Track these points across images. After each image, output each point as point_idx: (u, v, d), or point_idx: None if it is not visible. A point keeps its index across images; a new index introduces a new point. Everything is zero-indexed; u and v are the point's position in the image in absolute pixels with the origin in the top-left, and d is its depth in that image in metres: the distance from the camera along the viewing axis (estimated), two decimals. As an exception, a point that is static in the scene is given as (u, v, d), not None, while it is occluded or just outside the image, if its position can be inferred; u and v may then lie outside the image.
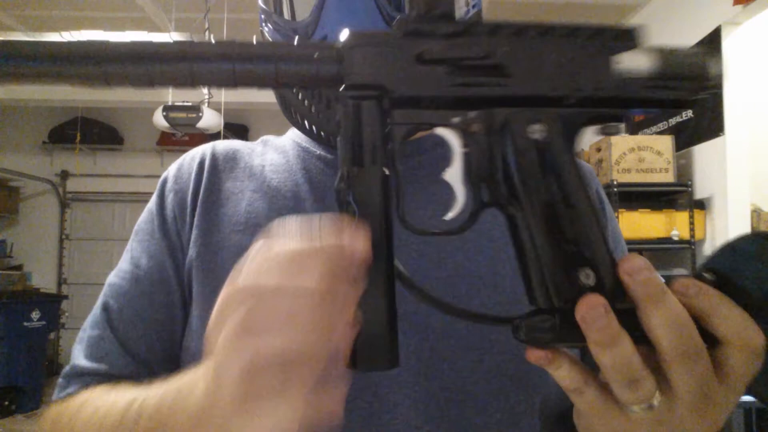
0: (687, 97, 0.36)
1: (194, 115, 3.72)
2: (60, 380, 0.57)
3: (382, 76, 0.34)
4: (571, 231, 0.34)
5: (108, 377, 0.54)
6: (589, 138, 3.47)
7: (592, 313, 0.31)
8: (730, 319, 0.32)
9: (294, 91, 0.54)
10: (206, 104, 3.87)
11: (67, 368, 0.57)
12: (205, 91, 3.91)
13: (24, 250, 5.86)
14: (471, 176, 0.35)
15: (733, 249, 0.36)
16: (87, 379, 0.55)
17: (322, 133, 0.55)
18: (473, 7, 0.57)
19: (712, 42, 3.01)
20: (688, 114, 3.24)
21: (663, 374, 0.32)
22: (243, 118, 5.82)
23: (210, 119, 3.79)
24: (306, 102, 0.53)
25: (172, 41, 0.34)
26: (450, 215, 0.34)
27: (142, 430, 0.40)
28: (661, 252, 3.39)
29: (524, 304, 0.35)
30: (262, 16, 0.59)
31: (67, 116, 5.69)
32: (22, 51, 0.32)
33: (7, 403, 4.25)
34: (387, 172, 0.33)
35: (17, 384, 4.30)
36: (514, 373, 0.50)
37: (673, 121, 3.38)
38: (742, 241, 0.36)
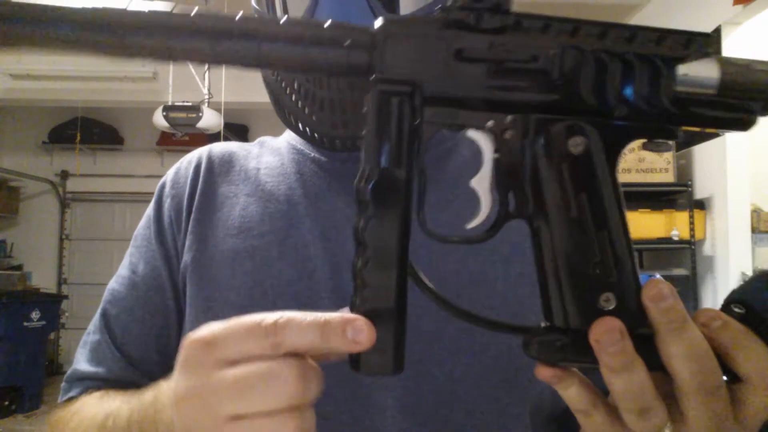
0: (753, 119, 0.32)
1: (194, 115, 3.72)
2: (63, 384, 0.59)
3: (416, 71, 0.31)
4: (598, 254, 0.31)
5: (106, 381, 0.56)
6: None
7: (607, 337, 0.30)
8: (755, 358, 0.31)
9: (288, 91, 0.54)
10: (206, 104, 3.87)
11: (69, 372, 0.59)
12: (205, 91, 3.91)
13: (24, 250, 5.86)
14: (500, 184, 0.32)
15: (767, 282, 0.34)
16: (87, 383, 0.57)
17: (316, 135, 0.55)
18: None
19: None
20: (688, 114, 3.24)
21: (677, 405, 0.31)
22: (243, 118, 5.81)
23: (210, 119, 3.79)
24: (300, 103, 0.53)
25: (192, 14, 0.31)
26: (473, 223, 0.33)
27: None
28: (661, 252, 3.39)
29: (519, 304, 0.34)
30: (255, 16, 0.59)
31: (67, 116, 5.69)
32: (41, 15, 0.30)
33: (7, 403, 4.25)
34: (410, 174, 0.31)
35: (17, 384, 4.30)
36: (505, 377, 0.50)
37: (673, 121, 3.38)
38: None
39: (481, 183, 0.32)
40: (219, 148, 0.65)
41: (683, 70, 0.32)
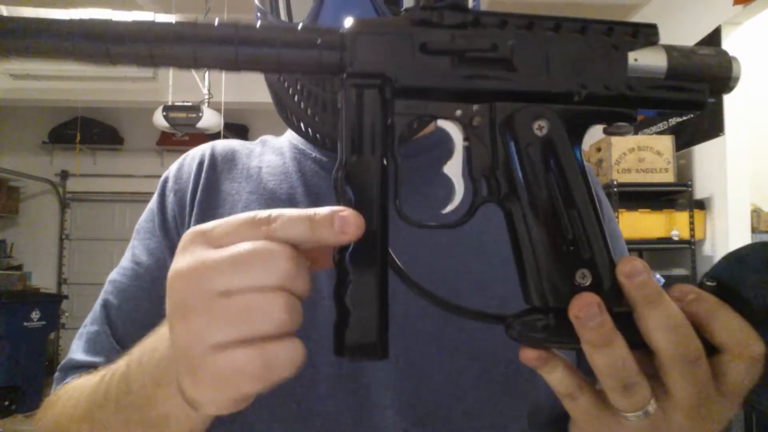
0: (702, 99, 0.35)
1: (194, 115, 3.72)
2: (57, 374, 0.58)
3: (385, 65, 0.33)
4: (570, 230, 0.33)
5: None
6: (588, 138, 3.47)
7: (586, 311, 0.30)
8: (730, 327, 0.32)
9: (290, 92, 0.54)
10: (206, 104, 3.87)
11: (63, 361, 0.58)
12: (205, 90, 3.91)
13: (24, 250, 5.86)
14: (471, 170, 0.34)
15: (736, 258, 0.36)
16: (83, 371, 0.54)
17: (318, 136, 0.55)
18: (473, 1, 0.57)
19: (712, 42, 3.01)
20: (689, 114, 3.24)
21: (660, 380, 0.32)
22: (243, 118, 5.81)
23: (210, 119, 3.79)
24: (302, 104, 0.53)
25: (174, 22, 0.33)
26: (448, 208, 0.34)
27: (113, 397, 0.41)
28: (661, 252, 3.39)
29: (518, 305, 0.35)
30: (258, 14, 0.59)
31: (67, 116, 5.69)
32: (27, 27, 0.31)
33: (7, 403, 4.25)
34: (385, 163, 0.32)
35: (17, 384, 4.29)
36: (503, 379, 0.50)
37: (673, 121, 3.38)
38: (746, 250, 0.36)
39: (454, 170, 0.34)
40: (222, 145, 0.65)
41: (633, 56, 0.34)
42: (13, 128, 5.85)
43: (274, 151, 0.64)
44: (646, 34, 0.35)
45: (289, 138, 0.65)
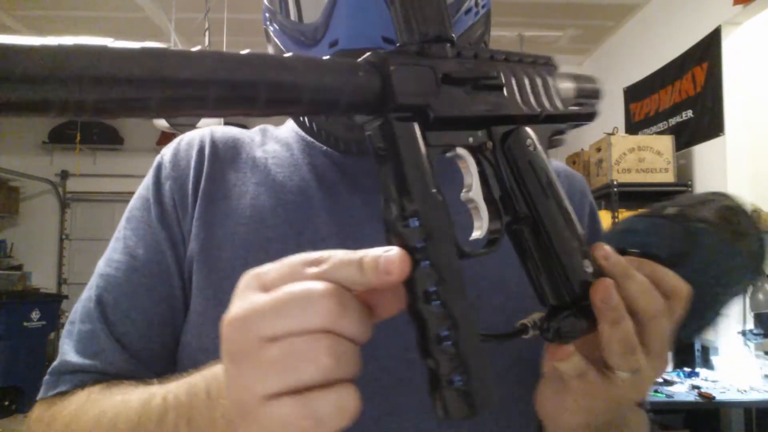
0: (595, 110, 0.45)
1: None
2: (47, 377, 0.53)
3: (424, 97, 0.32)
4: (571, 228, 0.37)
5: (102, 375, 0.51)
6: (588, 138, 3.47)
7: (608, 295, 0.35)
8: (672, 277, 0.39)
9: None
10: (206, 104, 3.87)
11: (55, 364, 0.54)
12: (205, 91, 3.91)
13: (24, 250, 5.86)
14: (491, 193, 0.37)
15: (629, 231, 0.45)
16: (80, 376, 0.51)
17: (331, 138, 0.54)
18: (483, 7, 0.56)
19: (712, 42, 3.01)
20: (689, 114, 3.24)
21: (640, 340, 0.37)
22: (243, 118, 5.81)
23: (210, 119, 3.79)
24: None
25: (168, 50, 0.26)
26: (476, 234, 0.35)
27: (170, 426, 0.38)
28: (661, 252, 3.38)
29: (534, 302, 0.38)
30: (267, 15, 0.58)
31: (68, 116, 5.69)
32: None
33: (7, 403, 4.25)
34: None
35: (17, 384, 4.30)
36: (521, 379, 0.50)
37: (673, 121, 3.38)
38: (633, 223, 0.45)
39: (475, 196, 0.35)
40: (221, 131, 0.62)
41: (558, 82, 0.42)
42: (13, 128, 5.85)
43: (278, 141, 0.62)
44: (551, 65, 0.42)
45: (294, 128, 0.63)
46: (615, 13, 3.86)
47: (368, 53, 0.32)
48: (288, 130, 0.64)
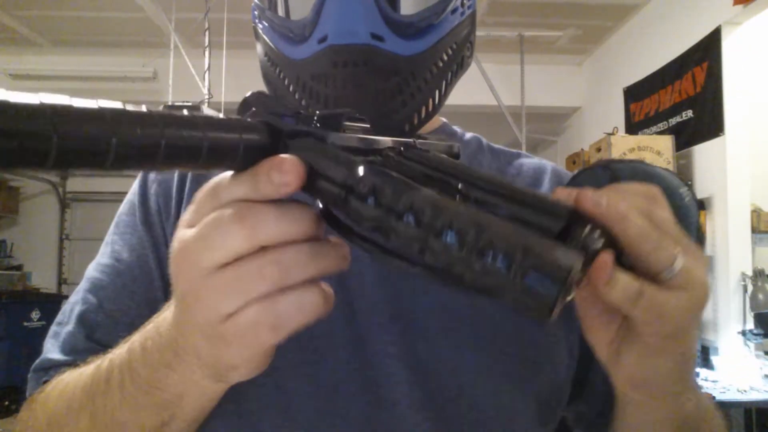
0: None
1: (194, 115, 3.72)
2: (31, 375, 0.55)
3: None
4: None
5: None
6: (589, 138, 3.47)
7: (592, 197, 0.33)
8: (631, 186, 0.38)
9: (291, 89, 0.54)
10: (206, 104, 3.87)
11: (37, 362, 0.55)
12: (205, 91, 3.91)
13: (24, 250, 5.86)
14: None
15: (574, 183, 0.44)
16: (62, 369, 0.52)
17: None
18: (468, 8, 0.57)
19: (712, 42, 3.01)
20: (689, 114, 3.24)
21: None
22: (243, 118, 5.81)
23: (210, 119, 3.79)
24: (303, 101, 0.53)
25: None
26: None
27: (116, 383, 0.40)
28: (661, 252, 3.38)
29: None
30: (256, 12, 0.58)
31: (67, 116, 5.69)
32: None
33: (7, 403, 4.25)
34: None
35: (17, 384, 4.30)
36: (507, 372, 0.51)
37: (673, 121, 3.38)
38: (581, 179, 0.44)
39: None
40: None
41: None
42: (13, 128, 5.85)
43: None
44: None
45: None
46: (615, 13, 3.86)
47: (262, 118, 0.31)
48: None
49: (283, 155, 0.29)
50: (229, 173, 0.31)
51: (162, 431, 0.40)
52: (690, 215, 0.42)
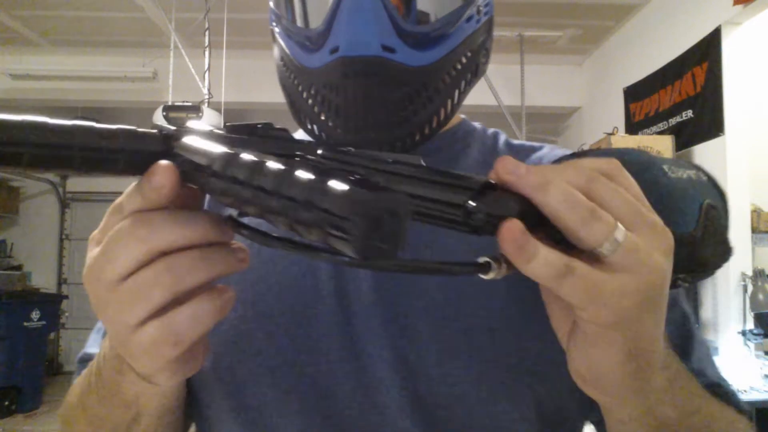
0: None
1: (194, 115, 3.72)
2: (76, 366, 0.60)
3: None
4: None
5: None
6: (589, 138, 3.47)
7: (509, 162, 0.30)
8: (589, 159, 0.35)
9: (304, 96, 0.54)
10: (206, 104, 3.87)
11: (79, 355, 0.60)
12: (205, 91, 3.91)
13: (24, 250, 5.87)
14: None
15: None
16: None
17: (331, 141, 0.54)
18: (485, 14, 0.56)
19: (712, 42, 3.01)
20: (689, 114, 3.24)
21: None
22: (243, 118, 5.80)
23: (210, 119, 3.79)
24: (315, 108, 0.53)
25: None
26: None
27: (93, 386, 0.45)
28: (661, 252, 3.38)
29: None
30: (273, 17, 0.58)
31: (67, 116, 5.65)
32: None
33: (7, 403, 4.25)
34: None
35: (17, 384, 4.30)
36: (503, 381, 0.50)
37: (673, 121, 3.38)
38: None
39: None
40: None
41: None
42: (13, 128, 5.85)
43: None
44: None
45: (304, 138, 0.63)
46: (615, 13, 3.86)
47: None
48: (301, 137, 0.64)
49: (160, 161, 0.32)
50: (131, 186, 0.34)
51: (135, 425, 0.45)
52: (674, 190, 0.37)
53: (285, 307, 0.52)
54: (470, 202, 0.30)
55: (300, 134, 0.65)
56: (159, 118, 3.76)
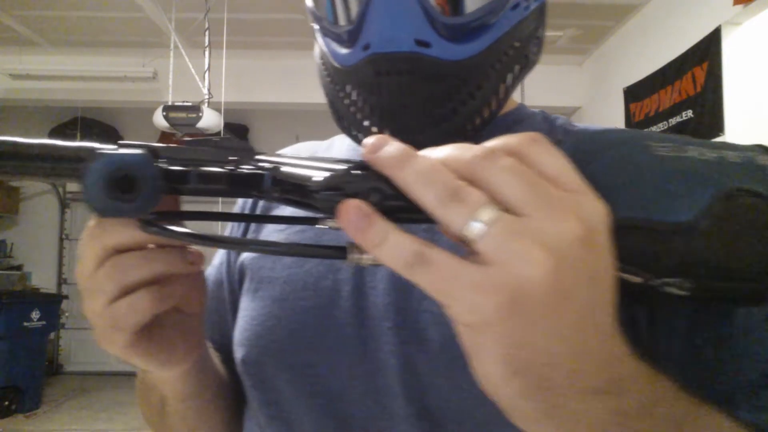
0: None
1: (194, 115, 3.72)
2: None
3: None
4: None
5: None
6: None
7: (378, 141, 0.28)
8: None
9: (340, 96, 0.52)
10: (206, 104, 3.87)
11: None
12: (205, 91, 3.91)
13: (24, 250, 5.86)
14: None
15: None
16: None
17: None
18: (535, 0, 0.52)
19: (712, 42, 3.01)
20: (689, 114, 3.24)
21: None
22: (243, 118, 5.82)
23: (210, 119, 3.79)
24: (351, 109, 0.51)
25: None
26: None
27: (138, 373, 0.54)
28: (661, 252, 3.38)
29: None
30: (311, 15, 0.56)
31: (67, 116, 5.69)
32: None
33: (7, 403, 4.25)
34: None
35: (17, 384, 4.30)
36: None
37: (673, 121, 3.39)
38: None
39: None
40: (292, 149, 0.67)
41: None
42: (13, 128, 5.85)
43: (341, 153, 0.62)
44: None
45: (352, 145, 0.62)
46: (615, 13, 3.86)
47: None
48: (347, 145, 0.64)
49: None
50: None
51: (165, 406, 0.52)
52: (662, 170, 0.30)
53: (307, 307, 0.52)
54: (313, 179, 0.29)
55: (347, 142, 0.63)
56: (159, 118, 3.76)
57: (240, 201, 0.66)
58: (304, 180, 0.30)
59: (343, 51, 0.50)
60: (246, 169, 0.34)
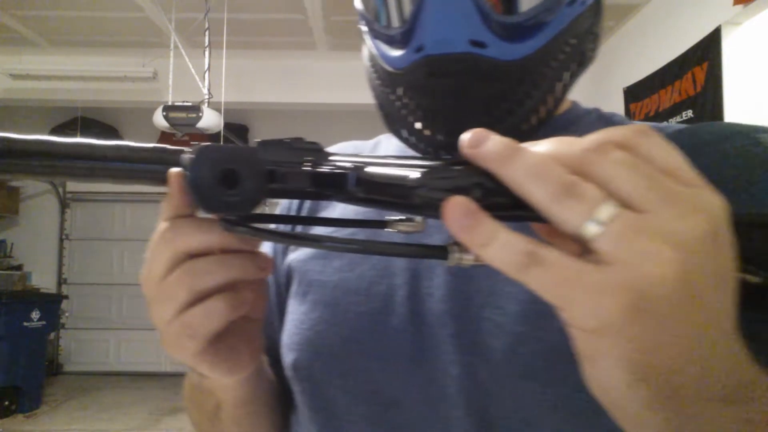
0: None
1: (194, 115, 3.72)
2: None
3: None
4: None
5: None
6: (589, 138, 3.46)
7: (474, 135, 0.27)
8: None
9: (391, 98, 0.51)
10: (206, 104, 3.87)
11: None
12: (205, 91, 3.91)
13: (24, 250, 5.86)
14: None
15: None
16: None
17: (421, 145, 0.51)
18: None
19: (712, 42, 3.01)
20: (689, 114, 3.24)
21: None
22: (243, 118, 5.82)
23: (210, 119, 3.79)
24: (404, 112, 0.50)
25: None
26: None
27: (192, 379, 0.52)
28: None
29: None
30: (360, 17, 0.55)
31: (67, 116, 5.69)
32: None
33: (7, 403, 4.25)
34: None
35: (17, 384, 4.30)
36: (582, 410, 0.43)
37: (673, 120, 3.39)
38: None
39: None
40: (337, 147, 0.64)
41: None
42: (13, 128, 5.83)
43: (388, 153, 0.61)
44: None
45: (399, 144, 0.61)
46: (615, 13, 3.86)
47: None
48: (394, 145, 0.62)
49: (170, 169, 0.37)
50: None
51: (220, 412, 0.51)
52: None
53: (360, 312, 0.50)
54: (410, 177, 0.26)
55: (393, 142, 0.62)
56: (159, 118, 3.76)
57: (285, 202, 0.64)
58: (398, 179, 0.27)
59: (395, 53, 0.49)
60: (326, 169, 0.33)
